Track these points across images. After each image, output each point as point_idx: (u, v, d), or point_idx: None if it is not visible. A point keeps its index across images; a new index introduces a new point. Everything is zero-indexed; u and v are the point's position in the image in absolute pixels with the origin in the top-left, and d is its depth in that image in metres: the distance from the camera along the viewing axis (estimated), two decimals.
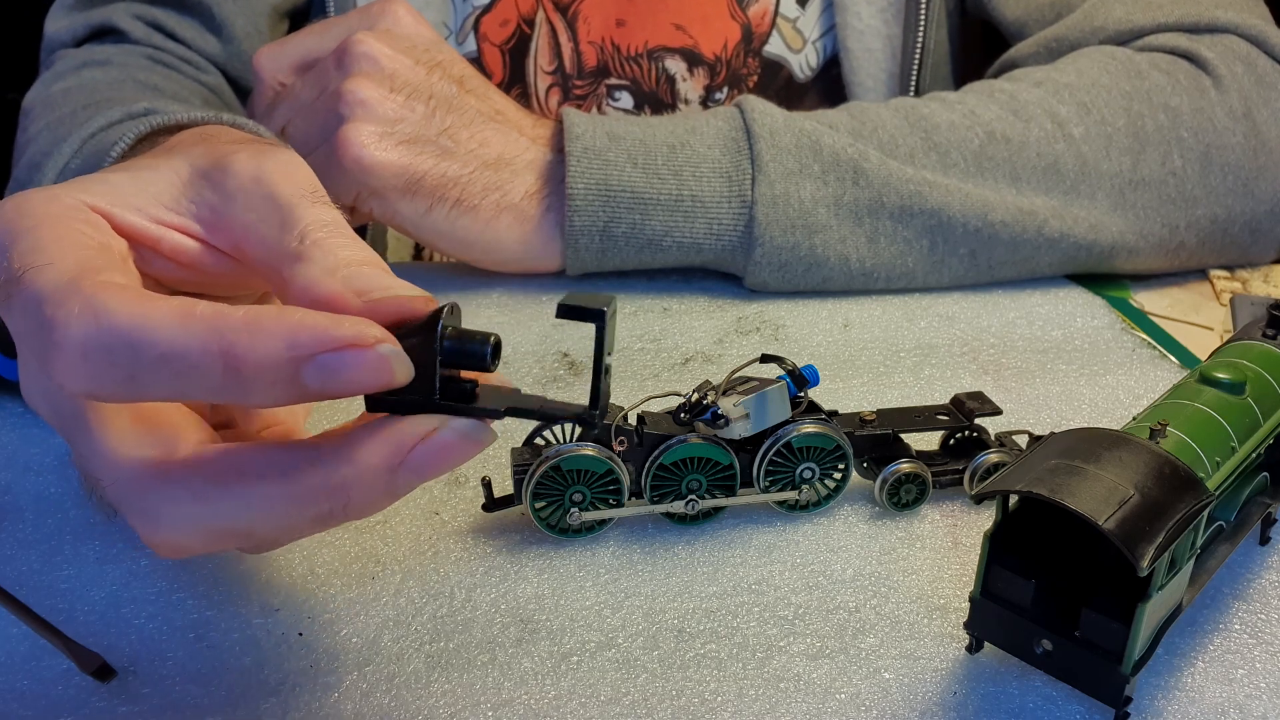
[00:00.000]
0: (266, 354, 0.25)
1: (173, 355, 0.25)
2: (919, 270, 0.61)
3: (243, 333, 0.25)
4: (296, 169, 0.33)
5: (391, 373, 0.27)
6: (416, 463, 0.28)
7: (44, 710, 0.34)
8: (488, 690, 0.35)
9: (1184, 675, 0.36)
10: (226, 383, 0.26)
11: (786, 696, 0.35)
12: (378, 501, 0.28)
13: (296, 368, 0.25)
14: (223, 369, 0.25)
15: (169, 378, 0.25)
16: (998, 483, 0.33)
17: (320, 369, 0.26)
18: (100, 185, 0.32)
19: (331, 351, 0.26)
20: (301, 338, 0.25)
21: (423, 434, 0.28)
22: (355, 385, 0.26)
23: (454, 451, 0.28)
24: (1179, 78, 0.63)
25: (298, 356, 0.25)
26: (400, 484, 0.28)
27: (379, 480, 0.28)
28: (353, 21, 0.59)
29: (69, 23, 0.71)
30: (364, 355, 0.26)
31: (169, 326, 0.25)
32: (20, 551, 0.41)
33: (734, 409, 0.40)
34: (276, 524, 0.28)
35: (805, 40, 0.77)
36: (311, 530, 0.29)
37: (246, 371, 0.25)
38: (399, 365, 0.27)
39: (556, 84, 0.77)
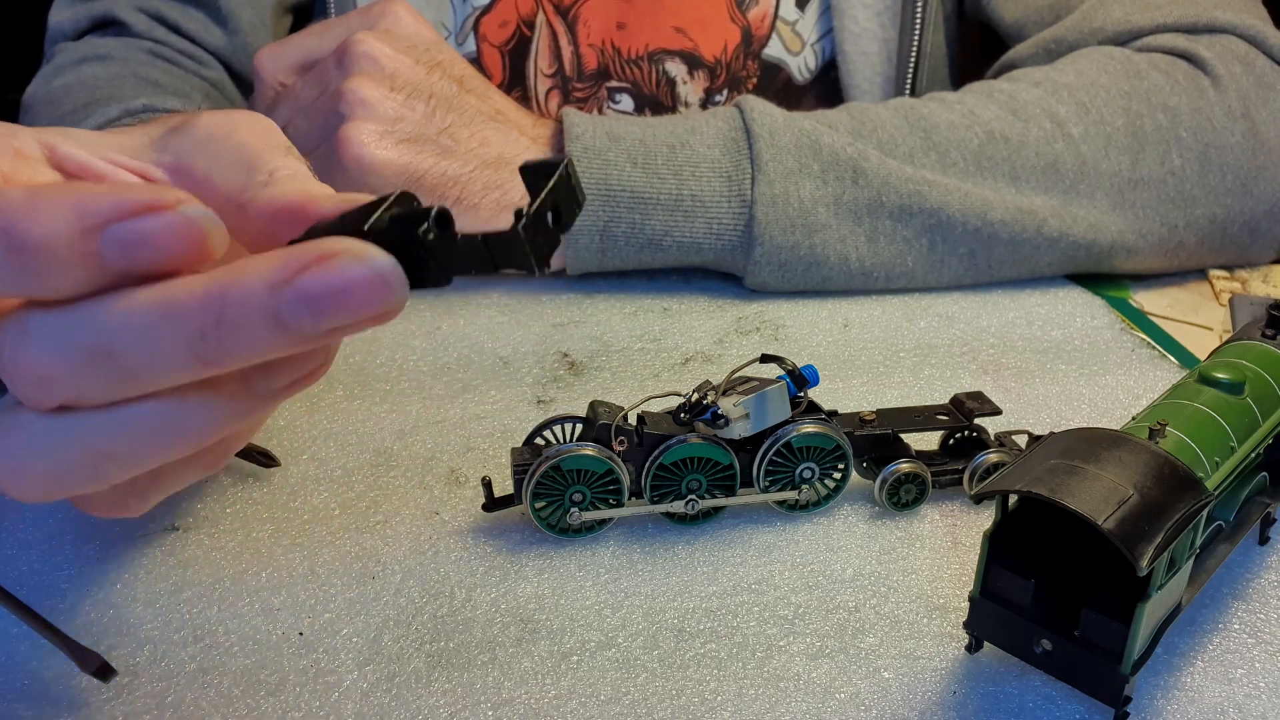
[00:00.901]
0: (52, 228, 0.23)
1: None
2: (918, 269, 0.62)
3: (22, 207, 0.23)
4: (269, 128, 0.32)
5: (204, 236, 0.23)
6: (306, 289, 0.23)
7: (44, 710, 0.34)
8: (488, 689, 0.35)
9: (1183, 675, 0.36)
10: (15, 267, 0.23)
11: (786, 696, 0.35)
12: (258, 334, 0.23)
13: (91, 241, 0.23)
14: (5, 250, 0.23)
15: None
16: (997, 483, 0.33)
17: (119, 240, 0.23)
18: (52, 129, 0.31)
19: (128, 218, 0.23)
20: (91, 205, 0.23)
21: (323, 254, 0.23)
22: (166, 254, 0.23)
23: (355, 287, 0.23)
24: (1178, 78, 0.63)
25: (88, 227, 0.22)
26: (283, 312, 0.23)
27: (257, 298, 0.23)
28: (353, 21, 0.60)
29: (71, 14, 0.71)
30: (164, 218, 0.23)
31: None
32: (20, 551, 0.41)
33: (734, 409, 0.40)
34: (142, 341, 0.24)
35: (804, 43, 0.77)
36: (183, 363, 0.24)
37: (32, 251, 0.23)
38: (211, 227, 0.23)
39: (556, 86, 0.77)
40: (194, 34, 0.72)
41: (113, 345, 0.24)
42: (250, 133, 0.31)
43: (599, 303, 0.61)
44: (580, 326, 0.58)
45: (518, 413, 0.50)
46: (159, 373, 0.24)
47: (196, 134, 0.32)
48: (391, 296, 0.23)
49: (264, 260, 0.23)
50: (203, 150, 0.31)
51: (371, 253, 0.23)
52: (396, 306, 0.24)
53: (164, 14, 0.71)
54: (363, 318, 0.23)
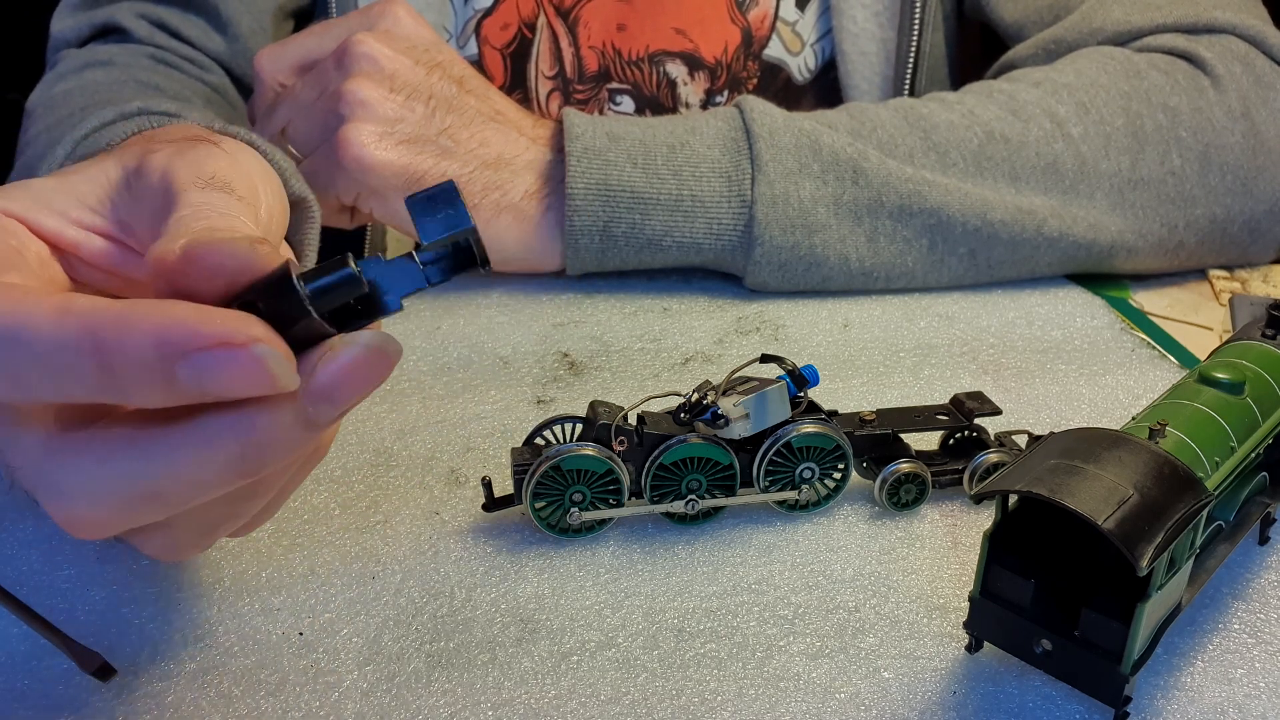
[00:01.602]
0: (135, 351, 0.24)
1: (47, 353, 0.24)
2: (918, 269, 0.62)
3: (112, 328, 0.24)
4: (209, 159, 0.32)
5: (271, 376, 0.24)
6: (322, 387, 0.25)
7: (44, 710, 0.34)
8: (488, 689, 0.35)
9: (1183, 675, 0.36)
10: (102, 382, 0.24)
11: (786, 696, 0.35)
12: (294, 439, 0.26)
13: (170, 367, 0.24)
14: (95, 368, 0.24)
15: (48, 377, 0.24)
16: (997, 483, 0.33)
17: (193, 369, 0.24)
18: (19, 190, 0.32)
19: (203, 350, 0.24)
20: (172, 334, 0.24)
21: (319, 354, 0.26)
22: (235, 387, 0.24)
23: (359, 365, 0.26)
24: (1177, 78, 0.63)
25: (168, 355, 0.24)
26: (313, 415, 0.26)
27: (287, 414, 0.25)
28: (353, 22, 0.60)
29: (73, 22, 0.71)
30: (236, 355, 0.24)
31: (43, 324, 0.24)
32: (20, 551, 0.41)
33: (734, 409, 0.40)
34: (187, 477, 0.26)
35: (804, 43, 0.78)
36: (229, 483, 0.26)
37: (119, 371, 0.24)
38: (279, 368, 0.25)
39: (557, 89, 0.77)
40: (194, 40, 0.72)
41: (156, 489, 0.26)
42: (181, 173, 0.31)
43: (599, 303, 0.61)
44: (580, 326, 0.58)
45: (518, 413, 0.50)
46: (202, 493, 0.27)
47: (140, 184, 0.32)
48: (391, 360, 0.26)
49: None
50: (142, 201, 0.32)
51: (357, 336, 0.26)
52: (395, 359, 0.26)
53: (165, 21, 0.71)
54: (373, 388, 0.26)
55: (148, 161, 0.32)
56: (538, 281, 0.62)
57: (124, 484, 0.26)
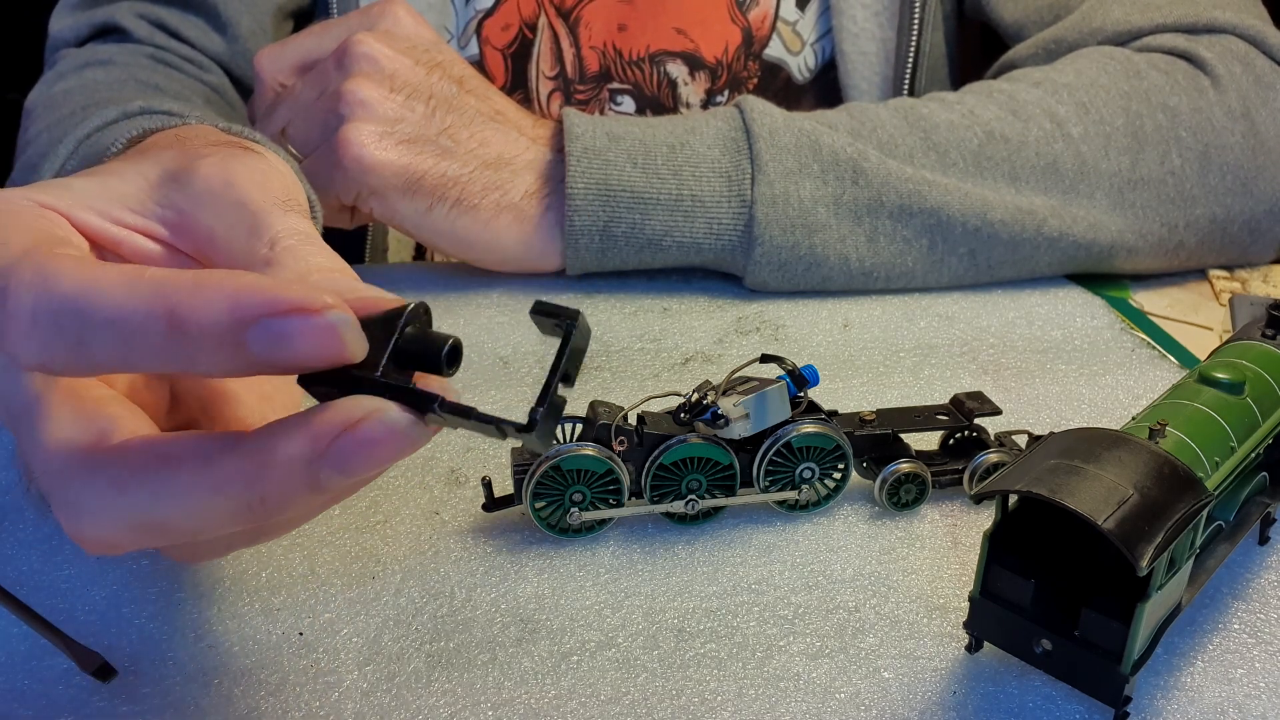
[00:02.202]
0: (209, 315, 0.24)
1: (118, 318, 0.24)
2: (918, 269, 0.62)
3: (186, 292, 0.24)
4: (269, 175, 0.32)
5: (342, 343, 0.24)
6: (339, 456, 0.25)
7: (44, 710, 0.34)
8: (488, 690, 0.35)
9: (1183, 675, 0.36)
10: (171, 346, 0.24)
11: (786, 696, 0.35)
12: (301, 498, 0.26)
13: (241, 331, 0.24)
14: (166, 330, 0.24)
15: (115, 341, 0.24)
16: (997, 483, 0.33)
17: (265, 333, 0.24)
18: (58, 188, 0.32)
19: (278, 315, 0.24)
20: (246, 298, 0.24)
21: (347, 423, 0.25)
22: (305, 354, 0.24)
23: (382, 446, 0.25)
24: (1177, 78, 0.63)
25: (242, 318, 0.24)
26: (321, 479, 0.25)
27: (296, 472, 0.25)
28: (353, 22, 0.60)
29: (72, 21, 0.71)
30: (311, 321, 0.24)
31: (115, 288, 0.24)
32: (20, 551, 0.41)
33: (734, 409, 0.40)
34: (192, 516, 0.26)
35: (804, 42, 0.78)
36: (233, 526, 0.27)
37: (190, 333, 0.24)
38: (350, 336, 0.25)
39: (558, 89, 0.77)
40: (194, 40, 0.72)
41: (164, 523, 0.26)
42: (248, 186, 0.31)
43: (599, 303, 0.61)
44: None
45: (518, 413, 0.50)
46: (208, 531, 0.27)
47: (195, 187, 0.32)
48: (410, 446, 0.26)
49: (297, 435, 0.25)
50: (203, 207, 0.32)
51: (390, 413, 0.26)
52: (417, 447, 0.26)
53: (164, 21, 0.71)
54: (387, 465, 0.26)
55: (200, 165, 0.32)
56: (538, 281, 0.62)
57: (133, 514, 0.26)
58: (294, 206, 0.32)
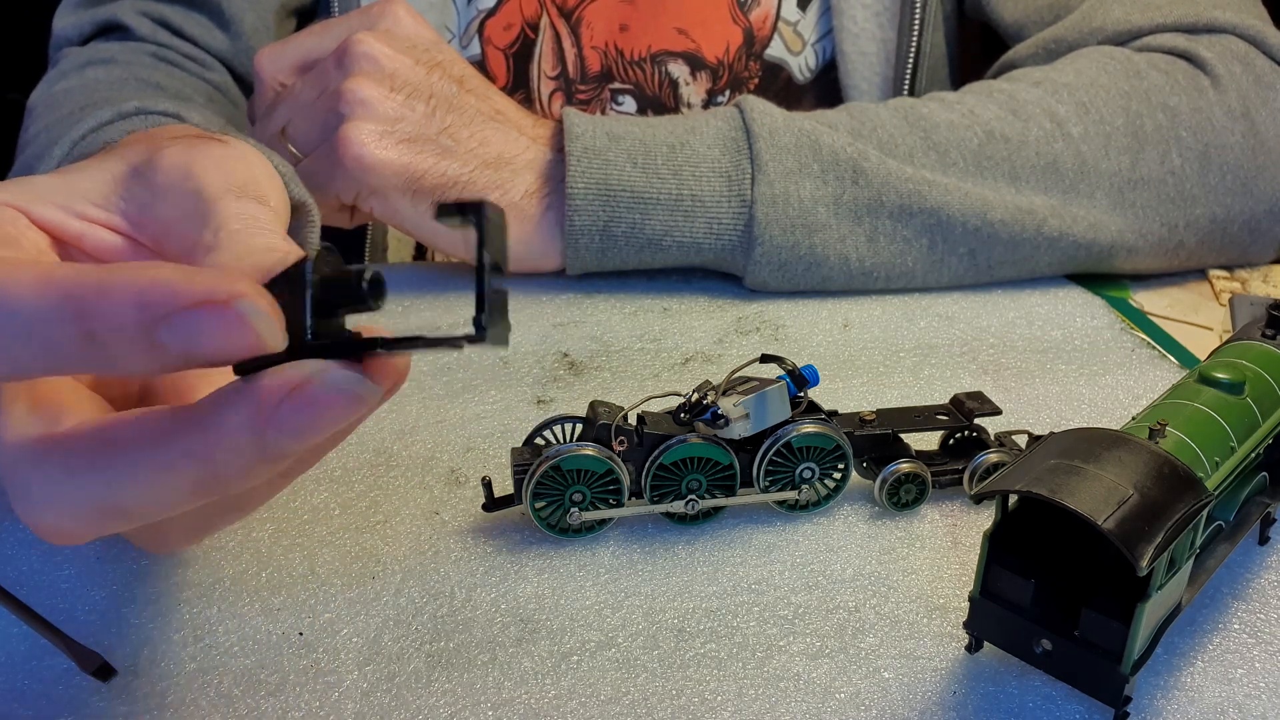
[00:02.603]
0: (117, 315, 0.23)
1: (30, 321, 0.23)
2: (918, 269, 0.62)
3: (93, 291, 0.23)
4: (229, 163, 0.32)
5: (255, 334, 0.24)
6: (285, 422, 0.24)
7: (44, 710, 0.34)
8: (488, 690, 0.35)
9: (1183, 675, 0.36)
10: (85, 349, 0.24)
11: (786, 696, 0.35)
12: (254, 468, 0.25)
13: (153, 329, 0.23)
14: (79, 336, 0.23)
15: (34, 347, 0.24)
16: (997, 483, 0.33)
17: (176, 330, 0.23)
18: (18, 185, 0.32)
19: (185, 310, 0.23)
20: (152, 295, 0.23)
21: (288, 387, 0.24)
22: (220, 349, 0.24)
23: (328, 407, 0.25)
24: (1177, 77, 0.63)
25: (151, 316, 0.23)
26: (272, 448, 0.24)
27: (244, 443, 0.24)
28: (353, 22, 0.60)
29: (75, 20, 0.71)
30: (221, 313, 0.23)
31: (26, 291, 0.23)
32: (20, 551, 0.41)
33: (734, 409, 0.40)
34: (147, 496, 0.25)
35: (804, 42, 0.78)
36: (191, 502, 0.26)
37: (101, 335, 0.23)
38: (263, 325, 0.24)
39: (560, 89, 0.77)
40: (197, 38, 0.72)
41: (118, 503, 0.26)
42: (205, 175, 0.31)
43: (599, 303, 0.61)
44: (580, 326, 0.58)
45: (518, 413, 0.50)
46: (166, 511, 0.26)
47: (157, 179, 0.32)
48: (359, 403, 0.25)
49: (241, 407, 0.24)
50: (162, 198, 0.32)
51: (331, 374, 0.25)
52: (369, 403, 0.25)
53: (167, 18, 0.71)
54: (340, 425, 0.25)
55: (161, 157, 0.32)
56: (538, 281, 0.62)
57: (87, 499, 0.26)
58: (249, 192, 0.31)
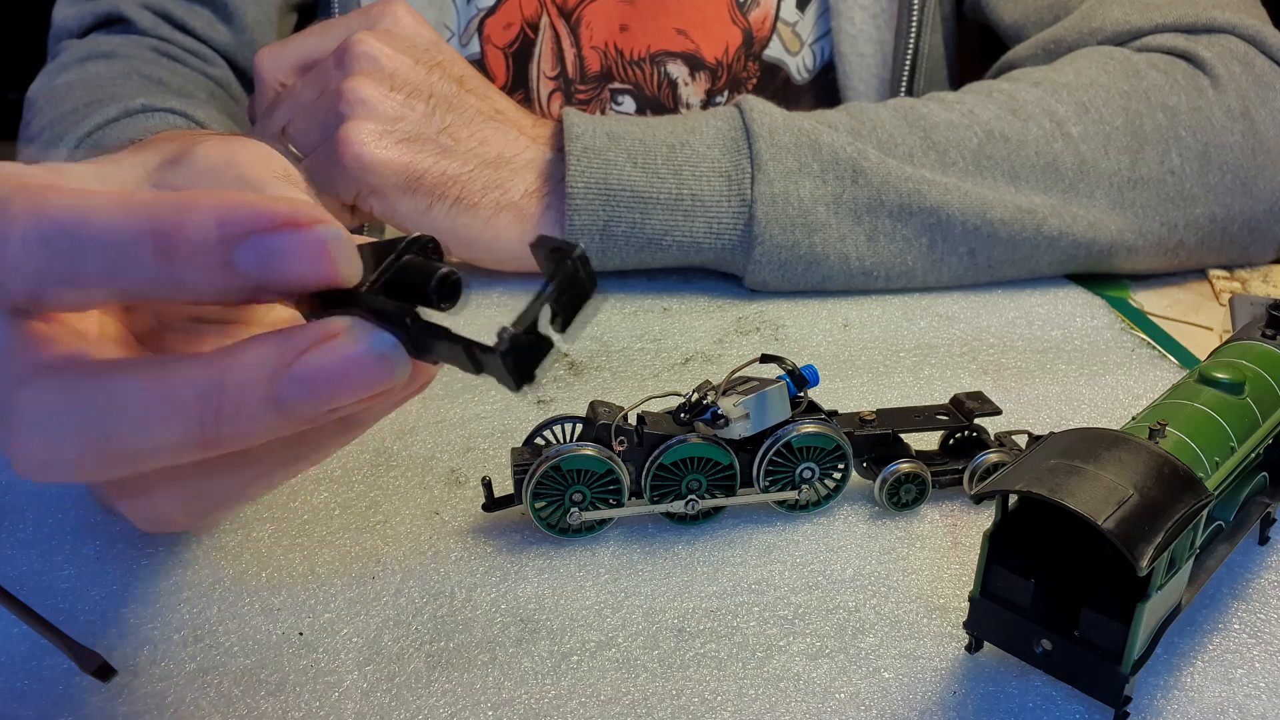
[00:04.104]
0: (197, 232, 0.23)
1: (108, 238, 0.24)
2: (918, 269, 0.62)
3: (174, 210, 0.23)
4: (270, 156, 0.32)
5: (331, 260, 0.23)
6: (304, 373, 0.23)
7: (44, 710, 0.34)
8: (488, 690, 0.35)
9: (1183, 675, 0.36)
10: (160, 266, 0.23)
11: (786, 696, 0.35)
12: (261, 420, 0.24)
13: (229, 248, 0.23)
14: (154, 249, 0.23)
15: (105, 263, 0.24)
16: (997, 482, 0.33)
17: (253, 250, 0.23)
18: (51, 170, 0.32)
19: (266, 231, 0.23)
20: (234, 214, 0.23)
21: (320, 337, 0.23)
22: (294, 273, 0.23)
23: (354, 369, 0.23)
24: (1177, 77, 0.63)
25: (230, 234, 0.23)
26: (282, 395, 0.23)
27: (257, 384, 0.23)
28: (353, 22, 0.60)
29: (76, 11, 0.71)
30: (301, 236, 0.23)
31: (105, 209, 0.24)
32: (20, 551, 0.41)
33: (734, 409, 0.40)
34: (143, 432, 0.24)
35: (803, 43, 0.78)
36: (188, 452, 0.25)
37: (177, 252, 0.23)
38: (340, 252, 0.23)
39: (559, 89, 0.77)
40: (199, 32, 0.72)
41: (111, 433, 0.24)
42: (250, 164, 0.31)
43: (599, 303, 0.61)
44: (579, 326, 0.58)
45: (518, 413, 0.50)
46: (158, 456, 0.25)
47: (196, 166, 0.32)
48: (390, 376, 0.24)
49: (263, 345, 0.24)
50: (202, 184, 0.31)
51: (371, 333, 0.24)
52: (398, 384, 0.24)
53: (170, 11, 0.71)
54: (363, 397, 0.24)
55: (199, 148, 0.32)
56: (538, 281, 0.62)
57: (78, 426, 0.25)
58: (295, 181, 0.31)
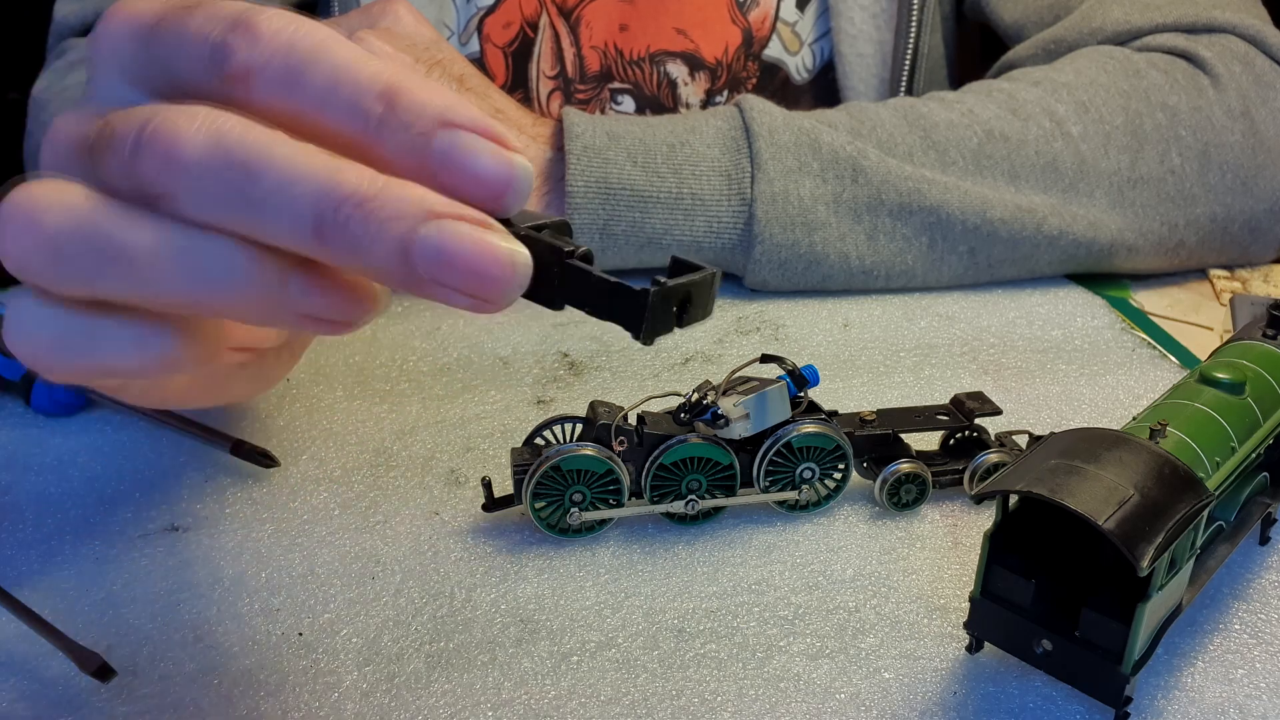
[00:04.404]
0: (424, 105, 0.24)
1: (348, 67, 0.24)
2: (919, 268, 0.62)
3: (414, 80, 0.24)
4: None
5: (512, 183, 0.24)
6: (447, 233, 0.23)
7: (44, 710, 0.34)
8: (488, 690, 0.35)
9: (1184, 675, 0.36)
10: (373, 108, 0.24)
11: (786, 696, 0.35)
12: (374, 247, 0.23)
13: (437, 127, 0.24)
14: (380, 93, 0.24)
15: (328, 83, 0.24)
16: (998, 483, 0.33)
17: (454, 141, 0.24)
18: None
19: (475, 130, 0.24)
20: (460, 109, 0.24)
21: (477, 219, 0.24)
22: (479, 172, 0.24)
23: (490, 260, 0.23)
24: (1177, 77, 0.63)
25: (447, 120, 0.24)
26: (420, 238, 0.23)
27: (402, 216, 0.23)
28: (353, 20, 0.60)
29: (78, 8, 0.71)
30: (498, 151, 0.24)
31: (357, 50, 0.24)
32: (20, 551, 0.41)
33: (734, 409, 0.40)
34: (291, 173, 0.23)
35: (802, 43, 0.78)
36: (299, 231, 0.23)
37: (398, 106, 0.24)
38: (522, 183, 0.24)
39: (558, 88, 0.77)
40: None
41: (255, 172, 0.23)
42: None
43: None
44: (580, 326, 0.58)
45: (518, 413, 0.50)
46: (273, 223, 0.24)
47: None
48: (512, 288, 0.24)
49: (424, 190, 0.24)
50: None
51: (517, 244, 0.24)
52: (505, 301, 0.24)
53: None
54: (472, 290, 0.24)
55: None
56: None
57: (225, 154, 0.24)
58: None
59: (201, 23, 0.25)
